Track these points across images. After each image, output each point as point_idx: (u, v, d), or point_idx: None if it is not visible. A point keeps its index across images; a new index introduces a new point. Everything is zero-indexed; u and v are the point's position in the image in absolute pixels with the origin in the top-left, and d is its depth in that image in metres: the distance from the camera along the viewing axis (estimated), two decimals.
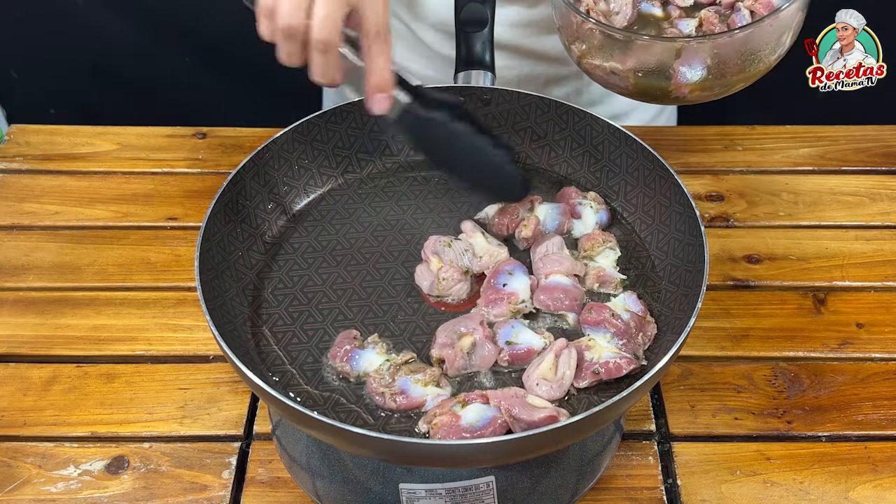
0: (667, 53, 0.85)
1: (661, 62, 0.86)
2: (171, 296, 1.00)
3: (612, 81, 0.90)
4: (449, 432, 0.70)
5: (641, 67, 0.87)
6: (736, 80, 0.87)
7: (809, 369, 0.93)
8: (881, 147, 1.20)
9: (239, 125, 1.23)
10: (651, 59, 0.86)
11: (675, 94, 0.88)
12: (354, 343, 0.77)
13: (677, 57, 0.85)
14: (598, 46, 0.88)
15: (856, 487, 0.83)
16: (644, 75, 0.87)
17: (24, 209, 1.10)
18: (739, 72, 0.86)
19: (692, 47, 0.85)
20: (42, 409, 0.89)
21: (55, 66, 1.94)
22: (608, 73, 0.89)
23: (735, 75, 0.87)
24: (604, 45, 0.88)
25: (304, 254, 0.87)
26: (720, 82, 0.87)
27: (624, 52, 0.87)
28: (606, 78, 0.90)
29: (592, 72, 0.91)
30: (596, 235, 0.86)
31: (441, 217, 0.91)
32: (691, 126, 1.29)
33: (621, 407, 0.67)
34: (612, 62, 0.88)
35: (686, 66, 0.85)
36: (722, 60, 0.85)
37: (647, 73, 0.87)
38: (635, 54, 0.86)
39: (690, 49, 0.85)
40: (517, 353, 0.77)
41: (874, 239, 1.07)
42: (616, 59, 0.88)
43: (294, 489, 0.83)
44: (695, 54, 0.85)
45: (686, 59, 0.85)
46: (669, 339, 0.77)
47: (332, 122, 0.93)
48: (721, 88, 0.88)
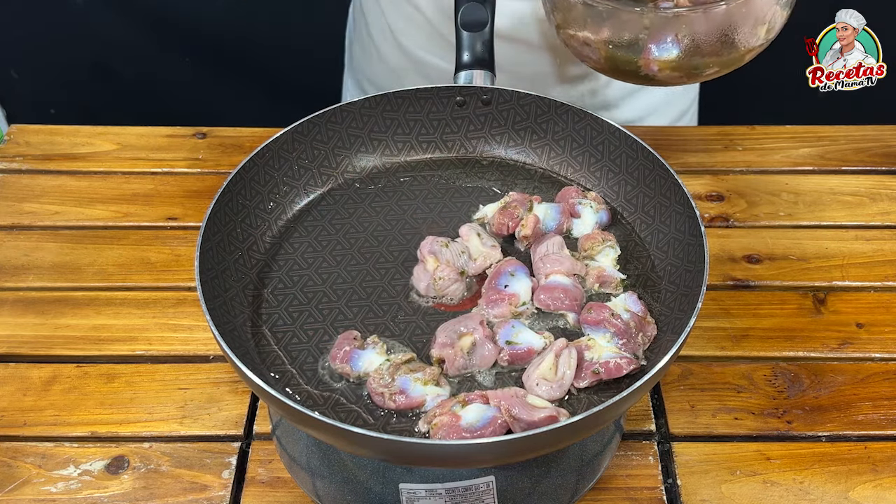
0: (637, 26, 0.86)
1: (632, 35, 0.86)
2: (171, 296, 1.00)
3: (586, 53, 0.92)
4: (449, 432, 0.70)
5: (613, 39, 0.87)
6: (707, 62, 0.88)
7: (809, 369, 0.93)
8: (881, 147, 1.20)
9: (239, 125, 1.23)
10: (623, 32, 0.87)
11: (645, 72, 0.89)
12: (354, 344, 0.77)
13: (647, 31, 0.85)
14: (574, 16, 0.89)
15: (856, 487, 0.83)
16: (615, 48, 0.87)
17: (24, 209, 1.10)
18: (711, 55, 0.87)
19: (661, 20, 0.85)
20: (42, 409, 0.89)
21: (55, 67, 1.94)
22: (581, 44, 0.90)
23: (706, 57, 0.87)
24: (579, 15, 0.88)
25: (304, 254, 0.87)
26: (691, 63, 0.87)
27: (597, 23, 0.87)
28: (580, 49, 0.92)
29: (568, 42, 0.93)
30: (595, 235, 0.86)
31: (441, 217, 0.91)
32: (691, 126, 1.29)
33: (621, 407, 0.67)
34: (586, 32, 0.88)
35: (655, 42, 0.86)
36: (692, 40, 0.85)
37: (618, 46, 0.87)
38: (608, 25, 0.87)
39: (659, 22, 0.85)
40: (517, 353, 0.77)
41: (874, 239, 1.07)
42: (589, 29, 0.88)
43: (294, 489, 0.83)
44: (664, 28, 0.85)
45: (655, 33, 0.85)
46: (669, 339, 0.77)
47: (332, 122, 0.93)
48: (693, 70, 0.89)
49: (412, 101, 0.95)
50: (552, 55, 1.16)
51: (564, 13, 0.90)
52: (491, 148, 0.98)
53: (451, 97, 0.96)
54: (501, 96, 0.95)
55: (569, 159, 0.95)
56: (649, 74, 0.89)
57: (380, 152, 0.96)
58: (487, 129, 0.97)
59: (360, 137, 0.95)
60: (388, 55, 1.23)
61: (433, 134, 0.97)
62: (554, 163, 0.96)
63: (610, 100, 1.22)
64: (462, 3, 0.98)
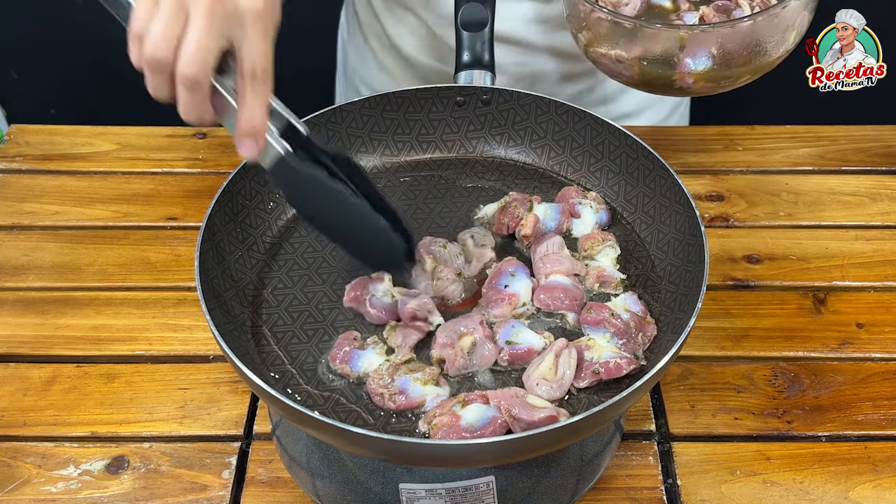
0: (671, 42, 0.86)
1: (666, 51, 0.86)
2: (171, 296, 1.00)
3: (618, 70, 0.91)
4: (449, 432, 0.70)
5: (646, 56, 0.87)
6: (740, 72, 0.88)
7: (809, 369, 0.93)
8: (881, 147, 1.20)
9: None
10: (656, 48, 0.87)
11: (679, 84, 0.89)
12: (354, 344, 0.77)
13: (682, 47, 0.85)
14: (605, 35, 0.89)
15: (856, 487, 0.83)
16: (649, 64, 0.88)
17: (24, 209, 1.10)
18: (744, 64, 0.87)
19: (696, 36, 0.85)
20: (42, 409, 0.89)
21: (55, 66, 1.94)
22: (613, 62, 0.90)
23: (739, 67, 0.87)
24: (610, 34, 0.88)
25: (304, 254, 0.87)
26: (724, 73, 0.87)
27: (630, 41, 0.88)
28: (612, 66, 0.91)
29: (598, 60, 0.92)
30: (595, 235, 0.86)
31: (441, 217, 0.91)
32: (691, 126, 1.29)
33: (621, 407, 0.67)
34: (618, 50, 0.88)
35: (691, 56, 0.86)
36: (726, 51, 0.85)
37: (652, 62, 0.87)
38: (641, 43, 0.87)
39: (695, 38, 0.85)
40: (517, 353, 0.77)
41: (874, 239, 1.07)
42: (622, 47, 0.88)
43: (294, 489, 0.83)
44: (699, 44, 0.85)
45: (691, 48, 0.85)
46: (669, 339, 0.77)
47: (332, 122, 0.93)
48: (725, 80, 0.89)
49: (412, 102, 0.95)
50: (550, 55, 1.16)
51: (594, 32, 0.90)
52: (491, 148, 0.98)
53: (451, 97, 0.96)
54: (501, 96, 0.95)
55: (569, 159, 0.95)
56: (684, 87, 0.89)
57: (380, 152, 0.96)
58: (487, 129, 0.97)
59: (360, 137, 0.95)
60: (384, 58, 1.23)
61: (433, 134, 0.97)
62: (554, 163, 0.96)
63: (607, 95, 1.22)
64: (462, 3, 0.98)
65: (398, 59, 1.22)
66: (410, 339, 0.78)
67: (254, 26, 0.64)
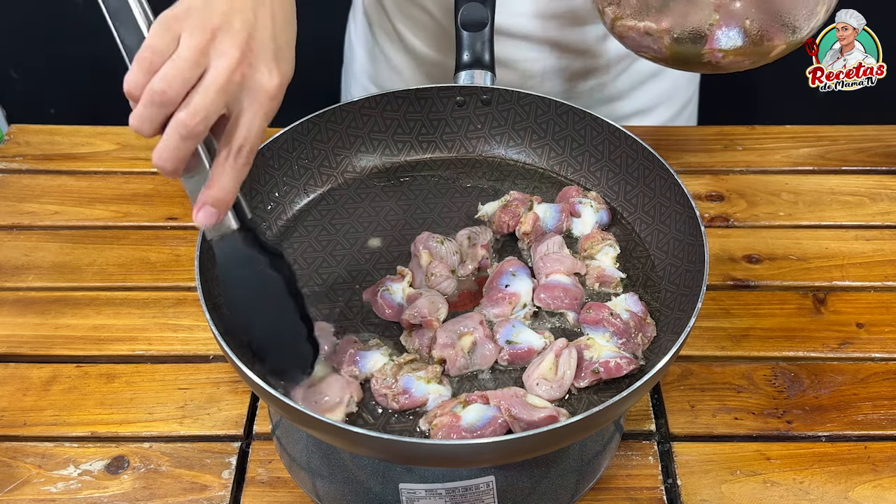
0: (704, 13, 0.85)
1: (697, 23, 0.85)
2: (171, 296, 1.00)
3: (646, 44, 0.89)
4: (449, 432, 0.70)
5: (676, 27, 0.86)
6: (769, 47, 0.86)
7: (809, 369, 0.93)
8: (881, 147, 1.20)
9: None
10: (687, 20, 0.86)
11: (708, 59, 0.87)
12: (356, 346, 0.77)
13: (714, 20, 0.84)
14: (635, 6, 0.88)
15: (856, 487, 0.83)
16: (678, 36, 0.86)
17: (24, 209, 1.10)
18: (773, 38, 0.86)
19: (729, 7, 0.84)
20: (42, 409, 0.89)
21: (55, 67, 1.94)
22: (642, 35, 0.88)
23: (769, 42, 0.86)
24: (640, 5, 0.87)
25: (304, 254, 0.87)
26: (754, 49, 0.86)
27: (660, 12, 0.87)
28: (640, 40, 0.89)
29: (625, 34, 0.90)
30: (595, 234, 0.86)
31: (441, 217, 0.91)
32: (691, 126, 1.29)
33: (621, 407, 0.67)
34: (647, 21, 0.87)
35: (722, 28, 0.84)
36: (757, 25, 0.84)
37: (682, 35, 0.86)
38: (672, 14, 0.86)
39: (728, 9, 0.84)
40: (517, 353, 0.77)
41: (874, 239, 1.07)
42: (651, 18, 0.87)
43: (294, 489, 0.83)
44: (732, 16, 0.84)
45: (723, 20, 0.84)
46: (669, 339, 0.77)
47: (332, 122, 0.93)
48: (755, 56, 0.87)
49: (412, 101, 0.95)
50: (561, 52, 1.15)
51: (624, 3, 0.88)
52: (491, 148, 0.98)
53: (451, 97, 0.96)
54: (501, 96, 0.95)
55: (569, 159, 0.95)
56: (712, 61, 0.88)
57: (380, 152, 0.96)
58: (487, 129, 0.97)
59: (360, 137, 0.95)
60: (394, 56, 1.23)
61: (433, 134, 0.97)
62: (554, 163, 0.96)
63: (617, 92, 1.21)
64: (462, 3, 0.98)
65: (408, 56, 1.22)
66: (424, 338, 0.78)
67: (261, 104, 0.63)
